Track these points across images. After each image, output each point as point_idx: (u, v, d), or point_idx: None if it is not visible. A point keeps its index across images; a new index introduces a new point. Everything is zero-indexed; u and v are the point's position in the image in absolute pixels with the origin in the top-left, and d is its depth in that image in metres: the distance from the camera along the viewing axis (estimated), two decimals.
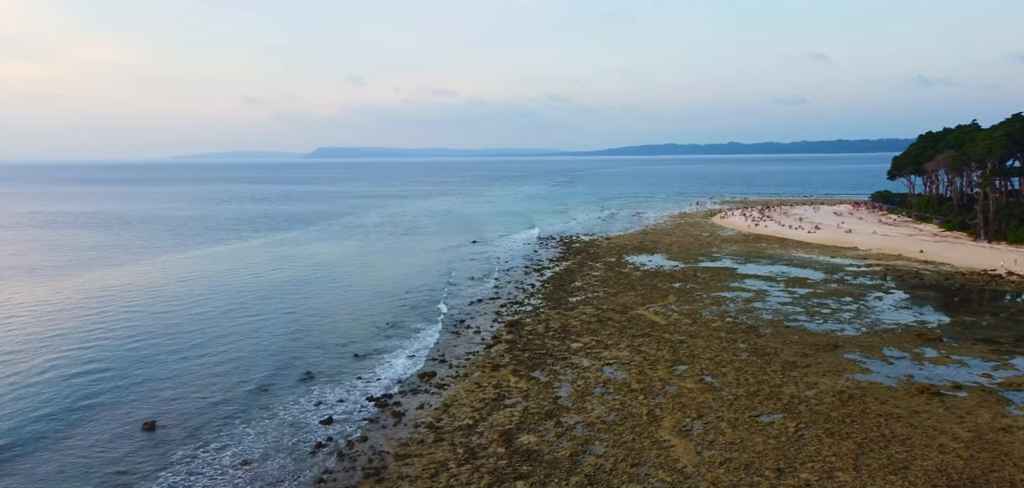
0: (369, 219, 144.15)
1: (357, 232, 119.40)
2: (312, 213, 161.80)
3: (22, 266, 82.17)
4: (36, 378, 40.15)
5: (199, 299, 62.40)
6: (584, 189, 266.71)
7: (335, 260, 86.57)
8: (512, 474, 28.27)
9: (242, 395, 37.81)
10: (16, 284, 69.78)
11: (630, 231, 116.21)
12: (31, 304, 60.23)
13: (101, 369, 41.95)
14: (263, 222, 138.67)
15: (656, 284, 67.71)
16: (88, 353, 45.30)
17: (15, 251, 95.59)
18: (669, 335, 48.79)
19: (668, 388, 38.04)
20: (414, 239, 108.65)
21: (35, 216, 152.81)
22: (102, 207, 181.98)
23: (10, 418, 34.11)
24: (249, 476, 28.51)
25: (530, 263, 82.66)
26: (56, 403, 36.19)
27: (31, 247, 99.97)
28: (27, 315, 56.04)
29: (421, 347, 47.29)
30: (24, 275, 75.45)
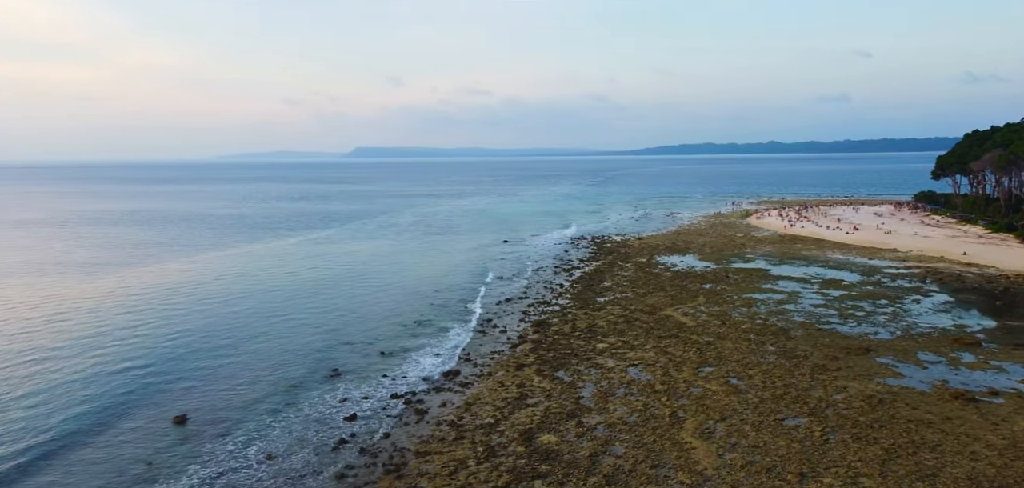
0: (403, 218, 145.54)
1: (390, 231, 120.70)
2: (347, 212, 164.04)
3: (70, 262, 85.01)
4: (78, 371, 41.58)
5: (234, 296, 63.84)
6: (618, 189, 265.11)
7: (367, 259, 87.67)
8: (530, 473, 28.37)
9: (271, 391, 38.61)
10: (64, 280, 72.22)
11: (663, 231, 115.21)
12: (77, 299, 62.30)
13: (137, 364, 43.23)
14: (299, 221, 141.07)
15: (686, 285, 67.06)
16: (126, 348, 46.72)
17: (63, 248, 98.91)
18: (697, 337, 48.31)
19: (692, 390, 37.72)
20: (446, 238, 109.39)
21: (83, 214, 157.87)
22: (147, 206, 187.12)
23: (51, 410, 35.39)
24: (273, 470, 29.15)
25: (560, 263, 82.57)
26: (94, 395, 37.43)
27: (78, 244, 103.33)
28: (72, 310, 57.98)
29: (447, 346, 47.67)
30: (72, 270, 78.05)
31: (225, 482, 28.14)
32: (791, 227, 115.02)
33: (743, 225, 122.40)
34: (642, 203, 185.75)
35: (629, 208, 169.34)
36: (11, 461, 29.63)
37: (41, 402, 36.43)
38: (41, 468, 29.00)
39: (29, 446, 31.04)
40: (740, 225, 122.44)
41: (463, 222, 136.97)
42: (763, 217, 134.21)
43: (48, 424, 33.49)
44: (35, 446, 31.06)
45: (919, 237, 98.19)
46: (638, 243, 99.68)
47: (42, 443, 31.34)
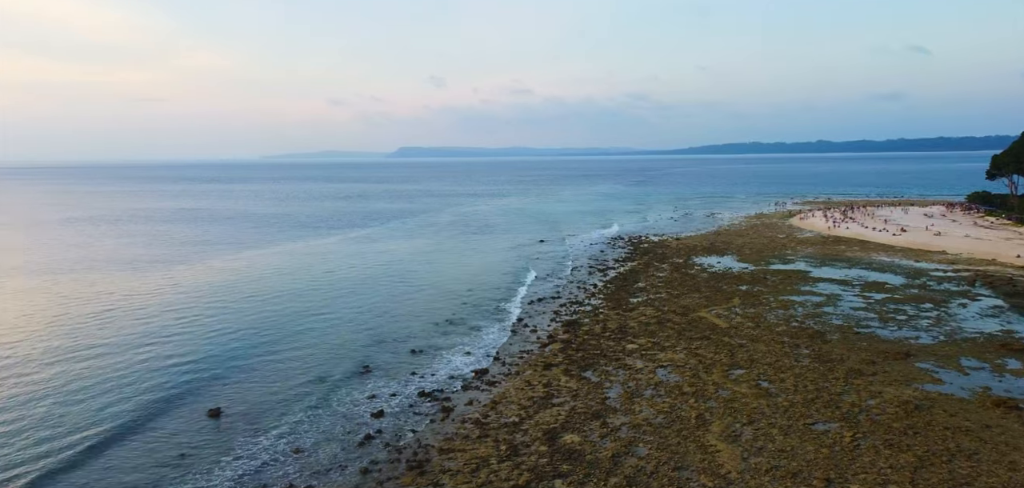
0: (441, 218, 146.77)
1: (428, 230, 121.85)
2: (388, 211, 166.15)
3: (120, 258, 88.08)
4: (120, 365, 43.15)
5: (272, 293, 65.35)
6: (659, 189, 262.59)
7: (404, 257, 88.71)
8: (551, 472, 28.42)
9: (302, 386, 39.47)
10: (113, 276, 74.87)
11: (702, 232, 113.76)
12: (124, 294, 64.56)
13: (177, 358, 44.64)
14: (341, 219, 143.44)
15: (722, 286, 66.12)
16: (167, 342, 48.27)
17: (114, 244, 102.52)
18: (729, 339, 47.64)
19: (721, 392, 37.24)
20: (483, 238, 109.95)
21: (135, 212, 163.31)
22: (196, 204, 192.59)
23: (93, 402, 36.83)
24: (300, 463, 29.82)
25: (595, 263, 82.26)
26: (134, 388, 38.79)
27: (128, 241, 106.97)
28: (119, 305, 60.10)
29: (477, 344, 47.99)
30: (121, 266, 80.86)
31: (254, 474, 28.88)
32: (835, 228, 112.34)
33: (785, 226, 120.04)
34: (682, 203, 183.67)
35: (669, 208, 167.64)
36: (54, 450, 30.93)
37: (84, 394, 37.91)
38: (78, 459, 30.17)
39: (70, 436, 32.34)
40: (782, 226, 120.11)
41: (500, 221, 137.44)
42: (807, 218, 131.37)
43: (89, 416, 34.82)
44: (75, 437, 32.33)
45: (970, 239, 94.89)
46: (676, 243, 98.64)
47: (81, 434, 32.59)
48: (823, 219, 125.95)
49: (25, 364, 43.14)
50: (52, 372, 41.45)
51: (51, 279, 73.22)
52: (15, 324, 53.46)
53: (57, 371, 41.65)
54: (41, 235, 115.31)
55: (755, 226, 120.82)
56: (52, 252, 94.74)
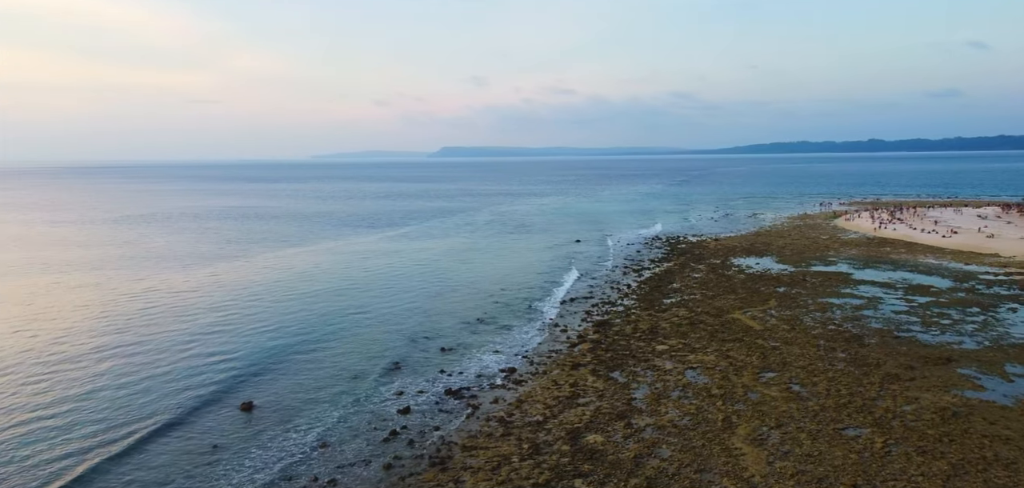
0: (479, 217, 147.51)
1: (465, 230, 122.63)
2: (427, 210, 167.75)
3: (168, 255, 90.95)
4: (161, 358, 44.68)
5: (310, 290, 66.70)
6: (702, 189, 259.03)
7: (439, 256, 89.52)
8: (572, 472, 28.45)
9: (334, 382, 40.26)
10: (161, 272, 77.37)
11: (742, 232, 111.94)
12: (170, 290, 66.68)
13: (215, 352, 45.96)
14: (381, 219, 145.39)
15: (759, 288, 65.01)
16: (207, 337, 49.72)
17: (163, 242, 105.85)
18: (762, 341, 46.85)
19: (750, 395, 36.69)
20: (519, 237, 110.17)
21: (185, 210, 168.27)
22: (244, 203, 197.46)
23: (133, 394, 38.23)
24: (326, 457, 30.46)
25: (631, 263, 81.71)
26: (173, 382, 40.11)
27: (177, 238, 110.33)
28: (165, 300, 62.11)
29: (507, 343, 48.19)
30: (169, 263, 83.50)
31: (281, 466, 29.62)
32: (881, 229, 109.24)
33: (829, 227, 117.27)
34: (725, 203, 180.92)
35: (710, 208, 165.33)
36: (97, 440, 32.23)
37: (127, 387, 39.37)
38: (117, 449, 31.34)
39: (112, 428, 33.65)
40: (826, 227, 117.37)
41: (538, 221, 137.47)
42: (853, 219, 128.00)
43: (131, 409, 36.16)
44: (117, 429, 33.61)
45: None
46: (714, 244, 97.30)
47: (123, 426, 33.86)
48: (870, 220, 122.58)
49: (77, 358, 44.96)
50: (100, 366, 43.13)
51: (104, 274, 76.04)
52: (70, 317, 55.71)
53: (105, 365, 43.33)
54: (97, 232, 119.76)
55: (798, 227, 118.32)
56: (106, 249, 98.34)
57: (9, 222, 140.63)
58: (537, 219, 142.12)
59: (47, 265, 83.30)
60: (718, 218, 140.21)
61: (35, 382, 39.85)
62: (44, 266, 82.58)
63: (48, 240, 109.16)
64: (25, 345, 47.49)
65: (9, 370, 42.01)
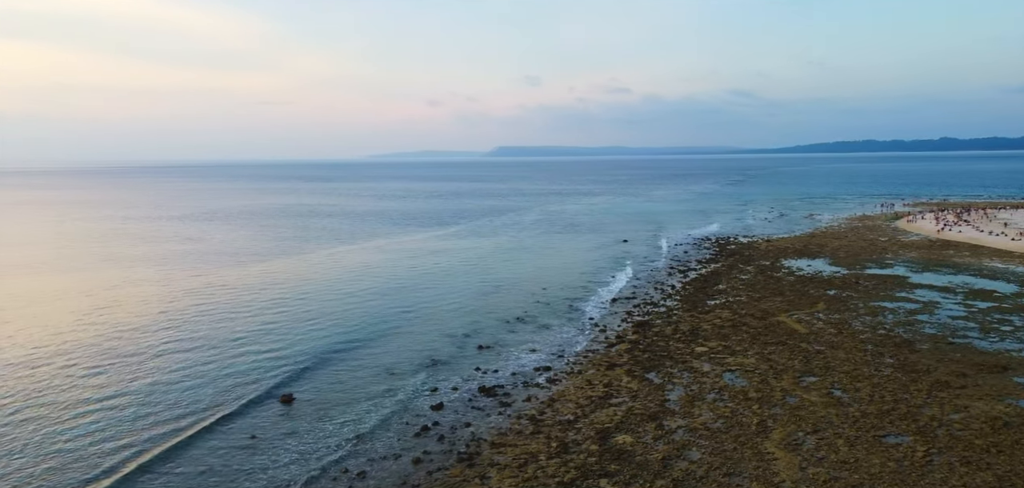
0: (527, 217, 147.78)
1: (513, 229, 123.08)
2: (477, 209, 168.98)
3: (226, 252, 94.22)
4: (212, 351, 46.44)
5: (355, 287, 68.16)
6: (758, 188, 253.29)
7: (484, 255, 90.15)
8: (598, 471, 28.39)
9: (371, 377, 41.13)
10: (219, 268, 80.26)
11: (795, 233, 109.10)
12: (226, 285, 69.11)
13: (261, 346, 47.50)
14: (430, 217, 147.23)
15: (808, 290, 63.32)
16: (255, 331, 51.40)
17: (222, 239, 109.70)
18: (806, 344, 45.66)
19: (788, 399, 35.85)
20: (565, 237, 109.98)
21: (245, 209, 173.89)
22: (301, 201, 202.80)
23: (183, 385, 39.87)
24: (358, 450, 31.19)
25: (677, 264, 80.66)
26: (220, 374, 41.65)
27: (235, 235, 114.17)
28: (221, 295, 64.41)
29: (544, 342, 48.28)
30: (227, 259, 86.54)
31: (316, 458, 30.47)
32: (946, 231, 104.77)
33: (890, 229, 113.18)
34: (781, 204, 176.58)
35: (765, 208, 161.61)
36: (139, 427, 33.79)
37: (174, 378, 41.10)
38: (160, 438, 32.77)
39: (155, 415, 35.21)
40: (886, 228, 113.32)
41: (586, 221, 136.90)
42: (915, 220, 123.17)
43: (175, 398, 37.74)
44: (159, 417, 35.15)
45: None
46: (765, 245, 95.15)
47: (165, 415, 35.38)
48: (933, 222, 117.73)
49: (132, 349, 47.12)
50: (153, 358, 45.14)
51: (165, 270, 79.32)
52: (131, 310, 58.37)
53: (157, 357, 45.33)
54: (161, 229, 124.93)
55: (856, 228, 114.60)
56: (169, 245, 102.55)
57: (81, 219, 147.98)
58: (585, 219, 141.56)
59: (113, 260, 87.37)
60: (772, 218, 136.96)
61: (92, 371, 41.95)
62: (110, 261, 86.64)
63: (116, 236, 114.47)
64: (86, 336, 50.00)
65: (70, 359, 44.32)
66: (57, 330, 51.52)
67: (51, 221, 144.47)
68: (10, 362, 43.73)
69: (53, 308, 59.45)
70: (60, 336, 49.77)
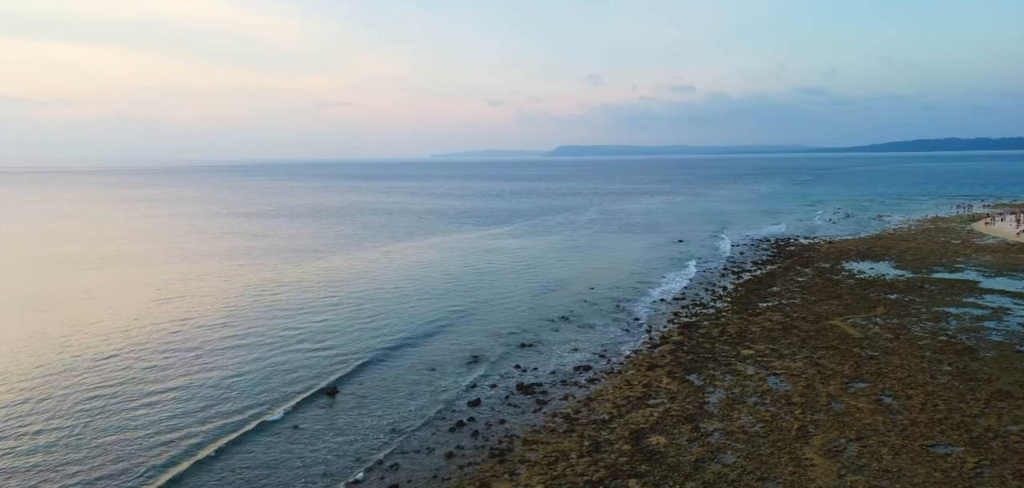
0: (583, 216, 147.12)
1: (568, 228, 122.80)
2: (533, 209, 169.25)
3: (288, 248, 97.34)
4: (266, 345, 48.20)
5: (408, 284, 69.42)
6: (827, 188, 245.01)
7: (536, 254, 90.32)
8: (628, 472, 28.21)
9: (414, 372, 41.93)
10: (283, 263, 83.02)
11: (860, 235, 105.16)
12: (287, 281, 71.45)
13: (313, 340, 48.97)
14: (486, 216, 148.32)
15: (867, 294, 61.02)
16: (309, 326, 53.00)
17: (285, 235, 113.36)
18: (859, 349, 44.08)
19: (834, 405, 34.75)
20: (620, 237, 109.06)
21: (309, 207, 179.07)
22: (362, 200, 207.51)
23: (233, 379, 41.53)
24: (394, 442, 31.91)
25: (731, 265, 78.96)
26: (270, 367, 43.19)
27: (298, 232, 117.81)
28: (282, 290, 66.64)
29: (586, 341, 48.13)
30: (289, 255, 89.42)
31: (354, 449, 31.33)
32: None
33: (964, 231, 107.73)
34: (849, 204, 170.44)
35: (831, 209, 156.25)
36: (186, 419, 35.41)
37: (228, 370, 42.84)
38: (204, 430, 34.25)
39: (204, 407, 36.81)
40: (960, 231, 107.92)
41: (642, 220, 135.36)
42: (994, 223, 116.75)
43: (225, 390, 39.35)
44: (207, 408, 36.73)
45: None
46: (827, 246, 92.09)
47: (216, 408, 36.92)
48: (1014, 224, 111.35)
49: (191, 343, 49.37)
50: (210, 351, 47.19)
51: (230, 264, 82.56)
52: (194, 304, 61.04)
53: (214, 350, 47.37)
54: (229, 225, 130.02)
55: (927, 230, 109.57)
56: (235, 241, 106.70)
57: (152, 215, 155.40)
58: (642, 218, 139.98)
59: (181, 255, 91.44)
60: (837, 219, 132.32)
61: (151, 365, 44.12)
62: (178, 256, 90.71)
63: (186, 232, 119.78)
64: (149, 329, 52.59)
65: (132, 351, 46.75)
66: (123, 322, 54.34)
67: (123, 218, 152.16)
68: (76, 353, 46.43)
69: (121, 300, 62.73)
70: (125, 328, 52.47)
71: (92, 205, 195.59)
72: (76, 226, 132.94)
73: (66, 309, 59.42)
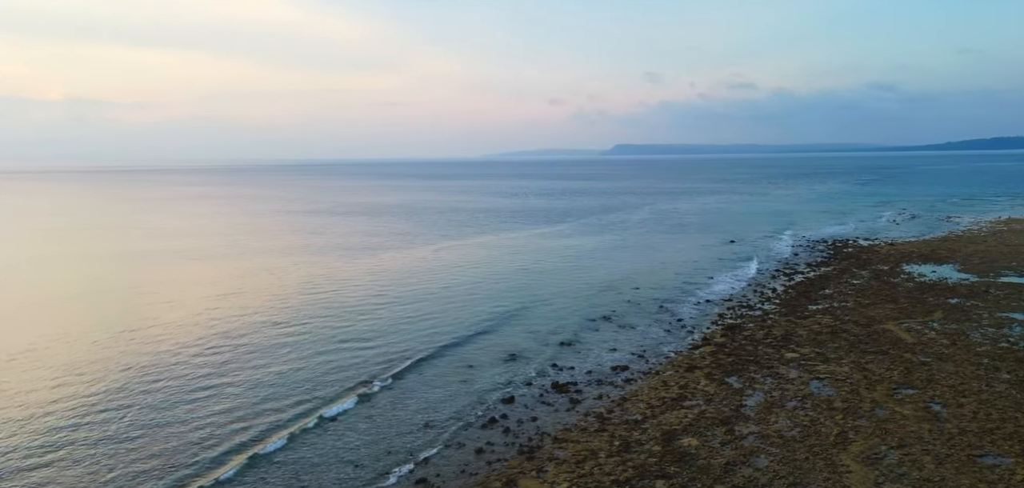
0: (634, 216, 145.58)
1: (618, 228, 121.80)
2: (585, 208, 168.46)
3: (342, 246, 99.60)
4: (312, 340, 49.60)
5: (454, 282, 70.19)
6: (894, 188, 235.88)
7: (585, 252, 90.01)
8: (656, 472, 27.96)
9: (450, 368, 42.46)
10: (336, 260, 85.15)
11: (925, 237, 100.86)
12: (338, 277, 73.20)
13: (357, 335, 50.10)
14: (538, 215, 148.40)
15: (926, 298, 58.61)
16: (356, 322, 54.20)
17: (341, 232, 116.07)
18: (911, 355, 42.41)
19: (878, 411, 33.59)
20: (670, 237, 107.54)
21: (366, 205, 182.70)
22: (417, 198, 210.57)
23: (279, 371, 42.86)
24: (425, 437, 32.46)
25: (783, 266, 76.97)
26: (314, 362, 44.39)
27: (353, 230, 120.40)
28: (334, 286, 68.29)
29: (626, 341, 47.77)
30: (342, 252, 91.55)
31: (386, 443, 32.00)
32: None
33: None
34: (917, 204, 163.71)
35: (896, 209, 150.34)
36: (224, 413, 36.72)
37: (274, 366, 44.23)
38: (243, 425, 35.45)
39: (246, 401, 38.13)
40: None
41: (695, 220, 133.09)
42: None
43: (269, 385, 40.64)
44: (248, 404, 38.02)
45: None
46: (887, 248, 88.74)
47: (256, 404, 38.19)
48: None
49: (243, 338, 51.17)
50: (259, 347, 48.83)
51: (287, 260, 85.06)
52: (249, 298, 63.23)
53: (262, 347, 49.00)
54: (288, 222, 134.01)
55: (1000, 232, 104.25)
56: (293, 237, 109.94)
57: (218, 213, 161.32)
58: (695, 218, 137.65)
59: (241, 251, 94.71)
60: (902, 220, 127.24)
61: (202, 358, 45.95)
62: (238, 252, 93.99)
63: (247, 228, 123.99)
64: (206, 323, 54.72)
65: (188, 344, 48.78)
66: (180, 316, 56.68)
67: (190, 215, 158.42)
68: (135, 344, 48.70)
69: (183, 294, 65.48)
70: (180, 323, 54.70)
71: (166, 203, 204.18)
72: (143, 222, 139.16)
73: (130, 302, 62.40)
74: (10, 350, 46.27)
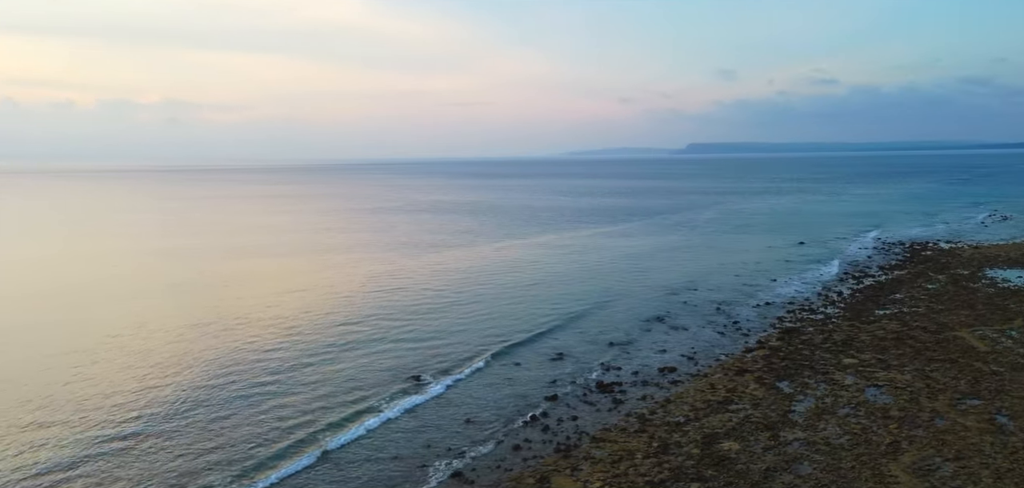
0: (701, 216, 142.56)
1: (684, 227, 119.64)
2: (652, 207, 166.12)
3: (407, 243, 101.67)
4: (372, 333, 50.91)
5: (510, 281, 70.63)
6: (986, 188, 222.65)
7: (647, 252, 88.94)
8: (691, 475, 27.53)
9: (498, 365, 42.89)
10: (400, 256, 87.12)
11: (1015, 240, 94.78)
12: (401, 272, 74.88)
13: (413, 330, 51.17)
14: (604, 214, 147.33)
15: (1006, 304, 55.20)
16: (411, 318, 55.34)
17: (405, 230, 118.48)
18: (981, 364, 40.11)
19: (937, 421, 31.98)
20: (735, 237, 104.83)
21: (432, 203, 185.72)
22: (485, 197, 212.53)
23: (335, 367, 44.27)
24: (466, 432, 32.95)
25: (853, 269, 73.94)
26: (369, 357, 45.59)
27: (417, 228, 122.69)
28: (391, 284, 69.89)
29: (676, 343, 47.04)
30: (406, 249, 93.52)
31: (426, 435, 32.71)
32: None
33: None
34: (1009, 205, 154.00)
35: (986, 210, 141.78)
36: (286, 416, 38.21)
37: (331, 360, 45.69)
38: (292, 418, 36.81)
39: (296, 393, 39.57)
40: None
41: (763, 221, 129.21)
42: None
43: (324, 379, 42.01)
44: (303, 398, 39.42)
45: None
46: (970, 252, 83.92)
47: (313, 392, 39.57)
48: None
49: (301, 335, 53.10)
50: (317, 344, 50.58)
51: (352, 257, 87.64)
52: (312, 294, 65.56)
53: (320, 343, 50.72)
54: (356, 220, 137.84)
55: None
56: (359, 235, 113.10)
57: (289, 211, 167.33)
58: (764, 219, 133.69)
59: (311, 247, 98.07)
60: (991, 223, 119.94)
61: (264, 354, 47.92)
62: (306, 248, 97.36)
63: (314, 226, 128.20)
64: (268, 320, 57.00)
65: (247, 340, 50.97)
66: (247, 312, 59.16)
67: (261, 212, 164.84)
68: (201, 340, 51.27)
69: (247, 290, 68.34)
70: (248, 319, 57.03)
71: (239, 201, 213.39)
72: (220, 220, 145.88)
73: (201, 298, 65.67)
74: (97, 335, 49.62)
